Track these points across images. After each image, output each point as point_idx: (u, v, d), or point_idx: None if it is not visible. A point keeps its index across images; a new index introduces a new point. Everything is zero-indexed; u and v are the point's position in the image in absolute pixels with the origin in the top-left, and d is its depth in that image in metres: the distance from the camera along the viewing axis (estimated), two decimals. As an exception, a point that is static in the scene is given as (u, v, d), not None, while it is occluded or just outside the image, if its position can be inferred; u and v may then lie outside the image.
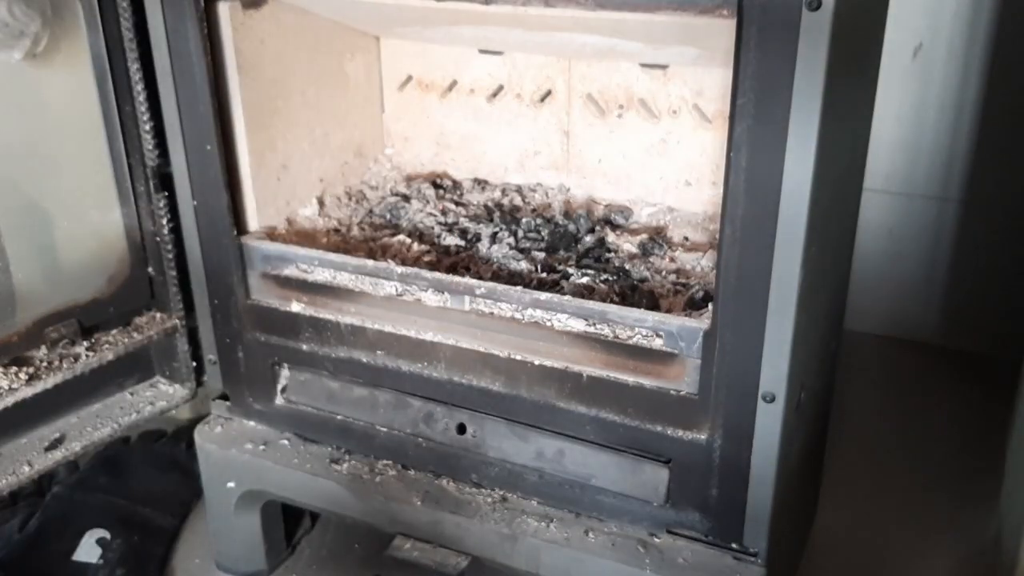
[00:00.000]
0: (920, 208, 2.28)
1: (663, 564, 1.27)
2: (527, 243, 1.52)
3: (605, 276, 1.40)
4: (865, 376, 2.23)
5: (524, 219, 1.60)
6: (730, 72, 1.04)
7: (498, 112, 1.71)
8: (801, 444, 1.34)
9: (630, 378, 1.23)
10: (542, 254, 1.48)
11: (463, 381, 1.34)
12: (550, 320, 1.27)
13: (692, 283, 1.37)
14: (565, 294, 1.31)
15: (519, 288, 1.29)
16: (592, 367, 1.25)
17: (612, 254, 1.49)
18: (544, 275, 1.41)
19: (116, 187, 1.48)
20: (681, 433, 1.22)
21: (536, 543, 1.32)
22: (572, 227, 1.57)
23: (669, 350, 1.20)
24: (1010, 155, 2.14)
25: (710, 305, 1.20)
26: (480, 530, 1.36)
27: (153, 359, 1.61)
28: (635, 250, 1.50)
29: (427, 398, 1.39)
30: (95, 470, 1.84)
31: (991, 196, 2.20)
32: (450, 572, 1.36)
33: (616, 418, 1.25)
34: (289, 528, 1.70)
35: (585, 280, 1.39)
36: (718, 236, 1.11)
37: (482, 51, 1.67)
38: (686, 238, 1.55)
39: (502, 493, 1.39)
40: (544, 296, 1.27)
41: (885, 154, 2.22)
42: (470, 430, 1.38)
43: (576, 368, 1.26)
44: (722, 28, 1.04)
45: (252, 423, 1.57)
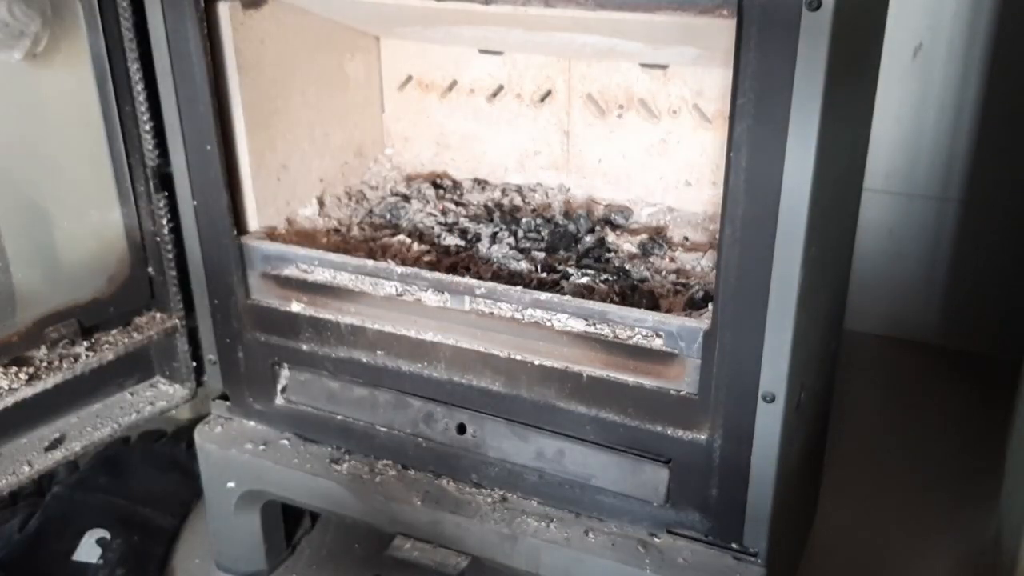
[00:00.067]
0: (920, 208, 2.28)
1: (663, 564, 1.27)
2: (527, 243, 1.52)
3: (605, 276, 1.40)
4: (865, 376, 2.23)
5: (524, 219, 1.60)
6: (730, 72, 1.04)
7: (498, 112, 1.71)
8: (801, 444, 1.34)
9: (630, 378, 1.23)
10: (542, 254, 1.48)
11: (463, 381, 1.34)
12: (550, 320, 1.27)
13: (692, 283, 1.37)
14: (565, 294, 1.31)
15: (519, 288, 1.29)
16: (592, 367, 1.25)
17: (612, 254, 1.49)
18: (544, 275, 1.41)
19: (116, 187, 1.48)
20: (681, 433, 1.22)
21: (536, 543, 1.32)
22: (572, 227, 1.57)
23: (669, 350, 1.20)
24: (1010, 155, 2.14)
25: (710, 305, 1.20)
26: (480, 530, 1.36)
27: (153, 359, 1.61)
28: (635, 250, 1.50)
29: (427, 398, 1.39)
30: (95, 470, 1.84)
31: (991, 196, 2.20)
32: (450, 572, 1.36)
33: (616, 418, 1.25)
34: (289, 528, 1.70)
35: (585, 280, 1.38)
36: (718, 236, 1.11)
37: (482, 51, 1.67)
38: (686, 238, 1.55)
39: (502, 493, 1.39)
40: (544, 296, 1.27)
41: (885, 154, 2.22)
42: (470, 430, 1.38)
43: (576, 368, 1.26)
44: (722, 28, 1.04)
45: (252, 423, 1.57)
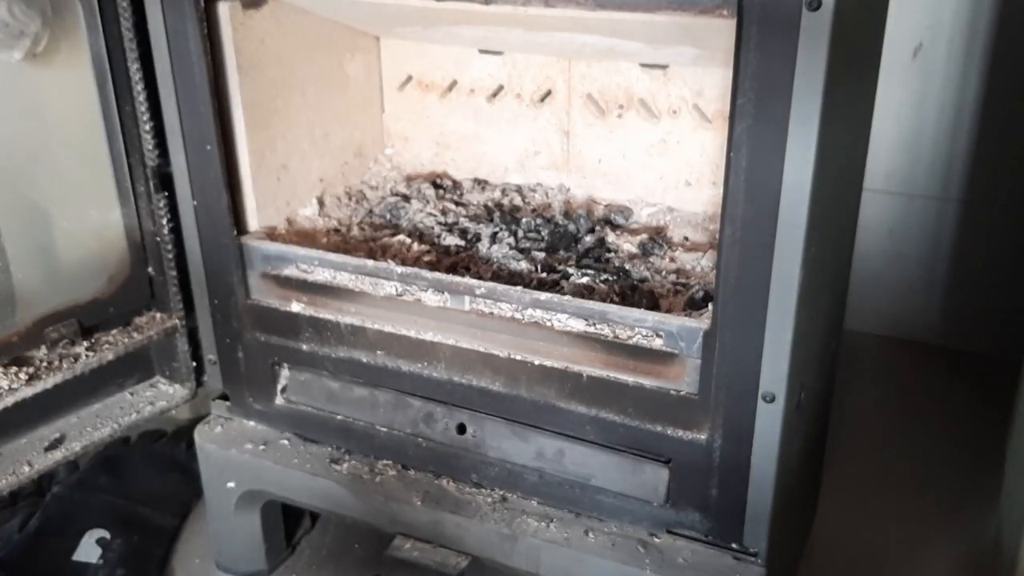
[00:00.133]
0: (920, 208, 2.28)
1: (663, 564, 1.26)
2: (527, 243, 1.52)
3: (605, 276, 1.40)
4: (865, 376, 2.23)
5: (524, 219, 1.60)
6: (730, 72, 1.04)
7: (498, 112, 1.71)
8: (801, 444, 1.34)
9: (630, 378, 1.23)
10: (542, 254, 1.48)
11: (463, 381, 1.34)
12: (550, 320, 1.27)
13: (692, 283, 1.37)
14: (565, 294, 1.31)
15: (519, 288, 1.29)
16: (592, 367, 1.25)
17: (612, 254, 1.49)
18: (544, 275, 1.41)
19: (116, 187, 1.48)
20: (681, 433, 1.22)
21: (536, 543, 1.32)
22: (572, 227, 1.57)
23: (669, 350, 1.20)
24: (1010, 155, 2.14)
25: (710, 305, 1.20)
26: (480, 530, 1.36)
27: (153, 359, 1.61)
28: (635, 250, 1.50)
29: (427, 398, 1.39)
30: (95, 470, 1.84)
31: (991, 196, 2.20)
32: (450, 572, 1.36)
33: (616, 418, 1.25)
34: (289, 528, 1.70)
35: (585, 280, 1.38)
36: (718, 236, 1.11)
37: (482, 51, 1.67)
38: (686, 238, 1.55)
39: (502, 493, 1.39)
40: (544, 296, 1.27)
41: (885, 154, 2.22)
42: (470, 430, 1.38)
43: (576, 368, 1.26)
44: (722, 28, 1.04)
45: (252, 423, 1.57)
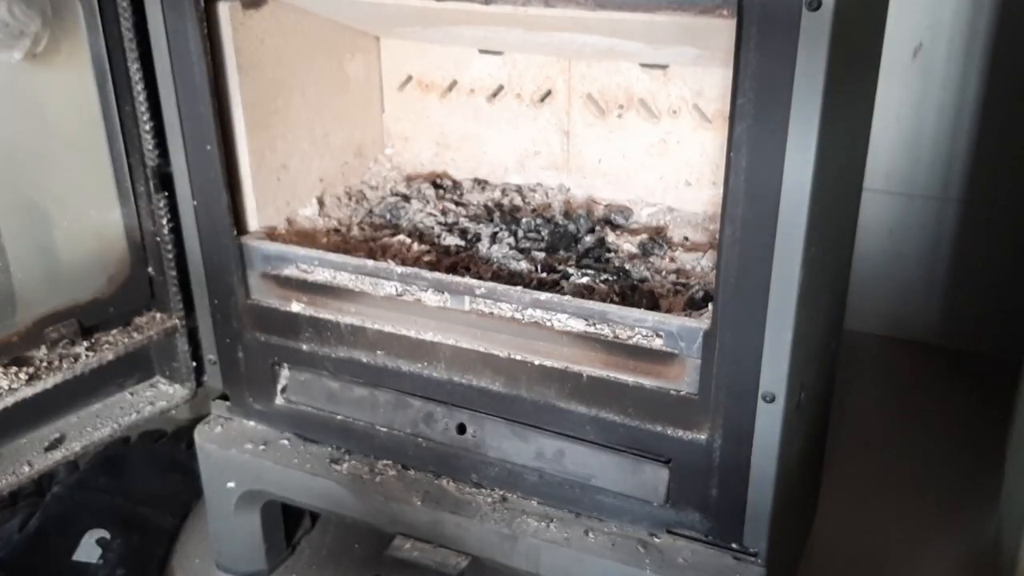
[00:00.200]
0: (920, 208, 2.28)
1: (663, 564, 1.26)
2: (527, 243, 1.52)
3: (605, 276, 1.40)
4: (865, 376, 2.23)
5: (524, 219, 1.60)
6: (730, 72, 1.04)
7: (498, 112, 1.71)
8: (801, 444, 1.34)
9: (630, 378, 1.23)
10: (542, 254, 1.48)
11: (463, 381, 1.34)
12: (550, 320, 1.27)
13: (692, 283, 1.37)
14: (565, 294, 1.31)
15: (519, 288, 1.29)
16: (592, 367, 1.25)
17: (612, 254, 1.49)
18: (544, 275, 1.41)
19: (116, 187, 1.48)
20: (681, 433, 1.22)
21: (536, 543, 1.32)
22: (572, 227, 1.57)
23: (669, 350, 1.20)
24: (1010, 155, 2.14)
25: (710, 305, 1.20)
26: (480, 530, 1.36)
27: (153, 359, 1.61)
28: (635, 250, 1.50)
29: (427, 398, 1.39)
30: (95, 470, 1.84)
31: (991, 196, 2.20)
32: (450, 572, 1.36)
33: (616, 418, 1.25)
34: (289, 528, 1.70)
35: (585, 280, 1.38)
36: (718, 236, 1.11)
37: (482, 51, 1.67)
38: (686, 238, 1.55)
39: (502, 493, 1.39)
40: (544, 296, 1.27)
41: (885, 154, 2.22)
42: (470, 430, 1.38)
43: (576, 368, 1.26)
44: (722, 28, 1.04)
45: (252, 423, 1.57)
